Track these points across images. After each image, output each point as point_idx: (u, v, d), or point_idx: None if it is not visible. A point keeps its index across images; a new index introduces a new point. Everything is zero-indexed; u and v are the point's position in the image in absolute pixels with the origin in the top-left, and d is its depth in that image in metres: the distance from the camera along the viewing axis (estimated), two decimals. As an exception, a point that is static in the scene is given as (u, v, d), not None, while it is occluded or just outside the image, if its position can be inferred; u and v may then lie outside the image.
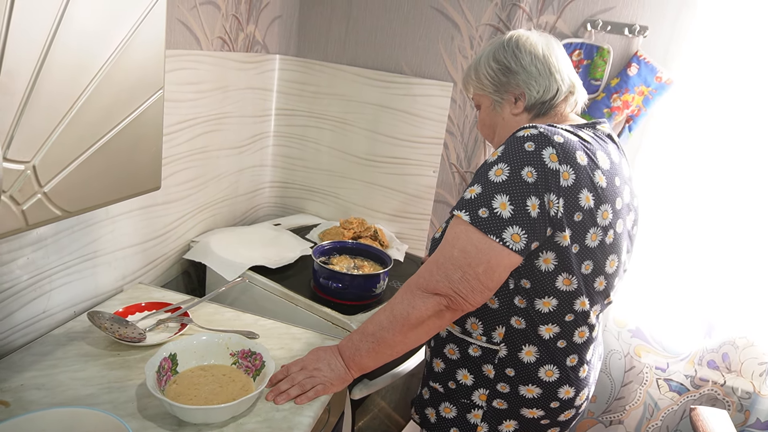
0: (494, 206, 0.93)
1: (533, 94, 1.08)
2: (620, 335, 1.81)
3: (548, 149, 0.93)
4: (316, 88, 1.95)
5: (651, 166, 1.69)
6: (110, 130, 0.75)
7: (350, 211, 2.03)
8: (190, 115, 1.51)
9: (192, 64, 1.47)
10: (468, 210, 0.94)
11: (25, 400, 0.95)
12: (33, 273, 1.11)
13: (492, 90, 1.12)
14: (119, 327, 1.13)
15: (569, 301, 1.02)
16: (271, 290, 1.46)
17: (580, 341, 1.07)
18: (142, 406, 0.97)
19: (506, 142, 0.97)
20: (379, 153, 1.92)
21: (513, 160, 0.94)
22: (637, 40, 1.61)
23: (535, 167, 0.92)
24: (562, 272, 0.99)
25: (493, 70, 1.11)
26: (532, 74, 1.08)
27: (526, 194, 0.92)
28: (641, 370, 1.79)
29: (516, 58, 1.09)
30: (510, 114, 1.12)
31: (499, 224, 0.92)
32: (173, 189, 1.51)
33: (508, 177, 0.93)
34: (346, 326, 1.33)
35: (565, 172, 0.93)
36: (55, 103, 0.66)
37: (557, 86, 1.08)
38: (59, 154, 0.68)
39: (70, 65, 0.68)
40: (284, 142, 2.04)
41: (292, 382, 1.05)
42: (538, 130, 0.95)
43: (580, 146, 0.97)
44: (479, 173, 0.98)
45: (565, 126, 1.02)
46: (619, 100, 1.63)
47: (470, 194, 0.96)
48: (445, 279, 0.96)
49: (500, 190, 0.93)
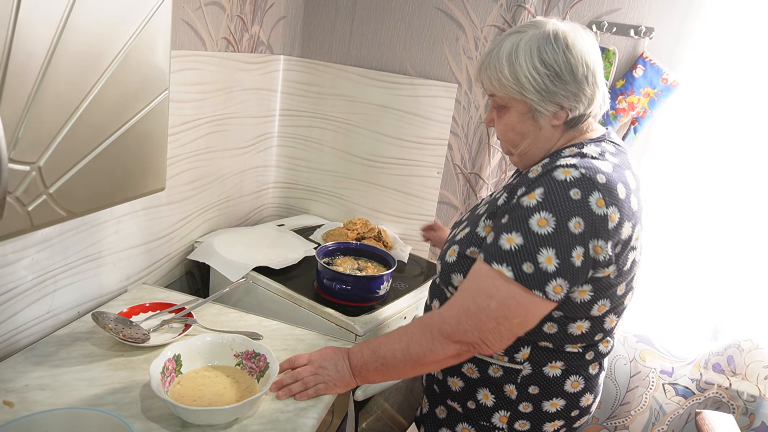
0: (539, 261, 0.87)
1: (580, 107, 0.95)
2: (626, 340, 1.80)
3: (594, 194, 0.87)
4: (320, 88, 1.94)
5: (656, 168, 1.68)
6: (115, 131, 0.75)
7: (354, 212, 2.02)
8: (194, 115, 1.51)
9: (197, 65, 1.47)
10: (510, 264, 0.88)
11: (30, 401, 0.95)
12: (37, 273, 1.11)
13: (535, 97, 0.95)
14: (123, 327, 1.13)
15: (600, 322, 1.00)
16: (275, 291, 1.46)
17: (605, 350, 1.06)
18: (146, 407, 0.97)
19: (544, 184, 0.89)
20: (383, 154, 1.91)
21: (558, 209, 0.87)
22: (643, 41, 1.60)
23: (583, 217, 0.87)
24: (599, 300, 0.96)
25: (539, 73, 0.93)
26: (581, 85, 0.94)
27: (573, 245, 0.87)
28: (647, 375, 1.78)
29: (568, 63, 0.93)
30: (549, 125, 0.98)
31: (544, 279, 0.88)
32: (177, 189, 1.51)
33: (554, 230, 0.87)
34: (350, 327, 1.33)
35: (612, 214, 0.88)
36: (61, 103, 0.66)
37: (601, 98, 0.98)
38: (65, 155, 0.68)
39: (76, 65, 0.67)
40: (288, 142, 2.04)
41: (296, 377, 1.05)
42: (581, 172, 0.88)
43: (618, 176, 0.91)
44: (516, 219, 0.90)
45: (595, 149, 0.96)
46: (625, 102, 1.62)
47: (509, 244, 0.89)
48: (475, 329, 0.91)
49: (546, 244, 0.87)
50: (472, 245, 1.00)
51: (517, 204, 0.91)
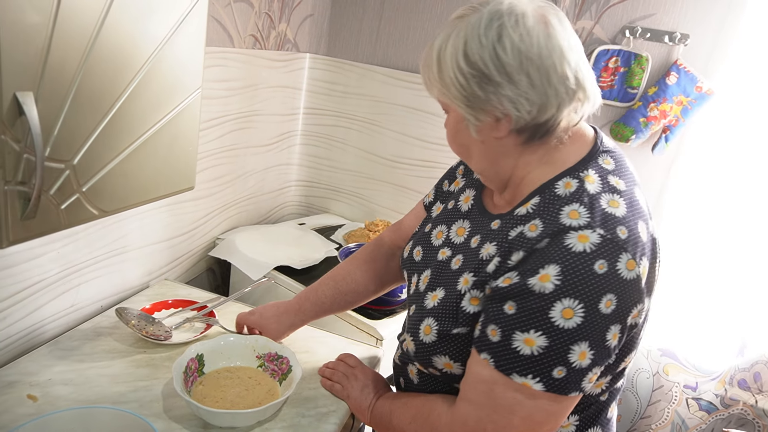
0: (572, 360, 0.68)
1: (523, 115, 0.71)
2: (650, 354, 1.76)
3: (623, 258, 0.68)
4: (345, 87, 1.93)
5: (685, 178, 1.64)
6: (148, 130, 0.75)
7: (375, 212, 2.01)
8: (220, 112, 1.51)
9: (224, 62, 1.46)
10: (537, 375, 0.69)
11: (53, 395, 0.95)
12: (63, 267, 1.11)
13: (463, 103, 0.73)
14: (146, 324, 1.13)
15: (621, 372, 0.84)
16: (296, 291, 1.45)
17: (620, 386, 0.90)
18: (168, 407, 0.96)
19: (560, 260, 0.68)
20: (407, 155, 1.90)
21: (585, 293, 0.67)
22: (677, 48, 1.56)
23: (615, 292, 0.68)
24: (626, 356, 0.79)
25: (464, 75, 0.71)
26: (521, 87, 0.70)
27: (607, 328, 0.69)
28: (670, 389, 1.74)
29: (498, 61, 0.69)
30: (491, 138, 0.76)
31: (579, 377, 0.70)
32: (201, 186, 1.51)
33: (584, 319, 0.67)
34: (371, 331, 1.31)
35: (644, 270, 0.70)
36: (97, 101, 0.66)
37: (558, 101, 0.71)
38: (98, 153, 0.68)
39: (113, 63, 0.67)
40: (311, 141, 2.03)
41: (332, 366, 1.09)
42: (600, 235, 0.68)
43: (634, 213, 0.73)
44: (531, 312, 0.69)
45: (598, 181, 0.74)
46: (657, 110, 1.58)
47: (530, 348, 0.69)
48: None
49: (577, 339, 0.68)
50: (456, 324, 0.78)
51: (526, 288, 0.69)
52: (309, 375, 1.11)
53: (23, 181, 0.59)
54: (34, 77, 0.57)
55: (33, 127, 0.56)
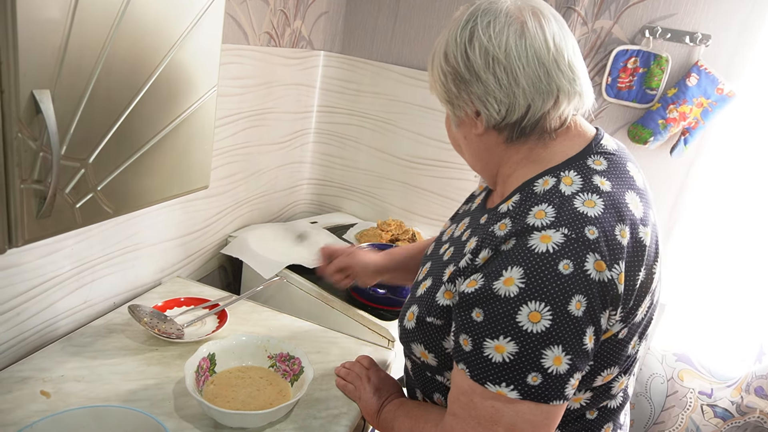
0: (546, 366, 0.66)
1: (492, 114, 0.73)
2: (664, 359, 1.73)
3: (590, 258, 0.66)
4: (359, 86, 1.92)
5: (704, 182, 1.61)
6: (164, 128, 0.74)
7: (387, 212, 2.00)
8: (234, 110, 1.50)
9: (239, 59, 1.46)
10: (510, 382, 0.67)
11: (65, 392, 0.95)
12: (76, 263, 1.11)
13: (444, 99, 0.79)
14: (158, 322, 1.13)
15: (606, 390, 0.80)
16: (308, 290, 1.44)
17: (615, 405, 0.84)
18: (179, 406, 0.96)
19: (522, 262, 0.67)
20: (420, 155, 1.88)
21: (550, 294, 0.65)
22: (698, 49, 1.53)
23: (583, 293, 0.65)
24: (603, 370, 0.76)
25: (444, 73, 0.75)
26: (488, 86, 0.71)
27: (582, 331, 0.66)
28: (684, 395, 1.72)
29: (467, 59, 0.72)
30: (473, 135, 0.78)
31: (559, 384, 0.67)
32: (214, 184, 1.51)
33: (552, 321, 0.65)
34: (383, 332, 1.30)
35: (620, 274, 0.68)
36: (114, 100, 0.65)
37: (527, 102, 0.72)
38: (113, 152, 0.67)
39: (129, 61, 0.66)
40: (324, 139, 2.02)
41: (348, 366, 1.09)
42: (563, 234, 0.66)
43: (614, 215, 0.69)
44: (497, 318, 0.67)
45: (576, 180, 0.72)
46: (676, 112, 1.55)
47: (501, 355, 0.67)
48: None
49: (548, 342, 0.66)
50: (429, 313, 0.79)
51: (491, 293, 0.68)
52: (321, 376, 1.10)
53: (39, 179, 0.58)
54: (52, 75, 0.56)
55: (50, 125, 0.55)
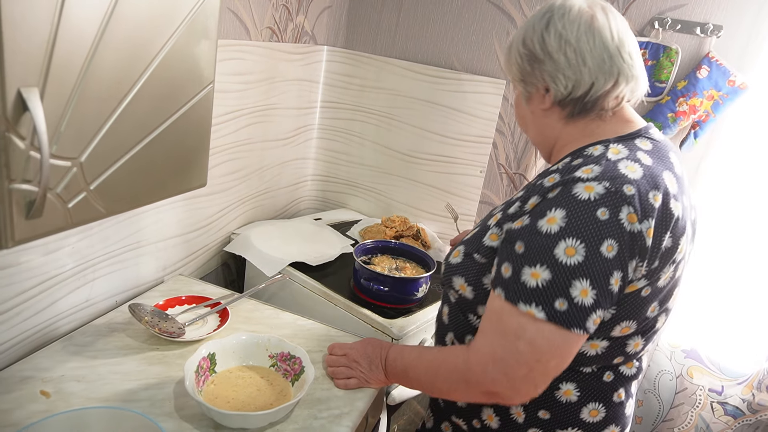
0: (573, 295, 0.76)
1: (560, 89, 0.87)
2: (673, 355, 1.71)
3: (624, 210, 0.76)
4: (363, 81, 1.90)
5: (715, 176, 1.58)
6: (158, 126, 0.72)
7: (392, 208, 1.98)
8: (236, 106, 1.49)
9: (240, 54, 1.44)
10: (539, 303, 0.76)
11: (65, 392, 0.94)
12: (78, 262, 1.11)
13: (519, 80, 0.93)
14: (159, 321, 1.12)
15: (621, 345, 0.88)
16: (311, 288, 1.43)
17: (629, 373, 0.93)
18: (179, 406, 0.95)
19: (565, 205, 0.78)
20: (424, 150, 1.86)
21: (587, 234, 0.75)
22: (709, 40, 1.49)
23: (616, 238, 0.76)
24: (622, 321, 0.85)
25: (520, 56, 0.90)
26: (558, 64, 0.86)
27: (609, 272, 0.76)
28: (694, 392, 1.69)
29: (543, 43, 0.86)
30: (539, 109, 0.92)
31: (582, 313, 0.76)
32: (217, 180, 1.50)
33: (585, 257, 0.75)
34: (387, 330, 1.29)
35: (649, 228, 0.77)
36: (105, 96, 0.64)
37: (591, 80, 0.85)
38: (106, 150, 0.66)
39: (122, 57, 0.65)
40: (328, 135, 2.01)
41: (330, 364, 1.09)
42: (604, 187, 0.77)
43: (650, 182, 0.80)
44: (538, 249, 0.78)
45: (622, 150, 0.84)
46: (686, 105, 1.52)
47: (535, 280, 0.77)
48: (504, 377, 0.80)
49: (579, 275, 0.75)
50: (477, 251, 0.91)
51: (535, 229, 0.79)
52: (322, 375, 1.09)
53: (28, 179, 0.57)
54: (39, 72, 0.55)
55: (38, 124, 0.54)
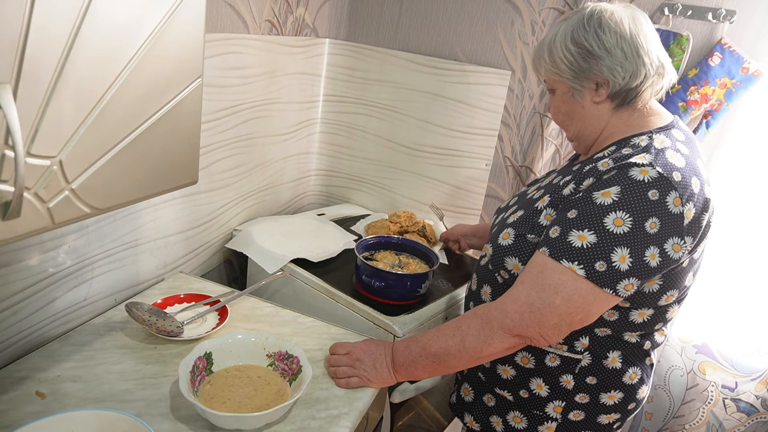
0: (613, 259, 0.86)
1: (618, 80, 0.95)
2: (684, 351, 1.67)
3: (672, 194, 0.86)
4: (366, 74, 1.87)
5: (728, 167, 1.53)
6: (144, 122, 0.70)
7: (397, 202, 1.95)
8: (235, 101, 1.47)
9: (238, 48, 1.42)
10: (582, 262, 0.87)
11: (61, 393, 0.93)
12: (75, 260, 1.10)
13: (570, 76, 0.99)
14: (157, 319, 1.10)
15: (664, 312, 1.00)
16: (312, 285, 1.41)
17: (660, 340, 1.05)
18: (175, 406, 0.94)
19: (621, 183, 0.88)
20: (429, 143, 1.83)
21: (636, 210, 0.86)
22: (721, 26, 1.44)
23: (660, 217, 0.86)
24: (668, 290, 0.96)
25: (571, 54, 0.97)
26: (617, 58, 0.94)
27: (647, 245, 0.86)
28: (705, 388, 1.65)
29: (599, 40, 0.95)
30: (591, 102, 1.00)
31: (616, 277, 0.87)
32: (217, 177, 1.48)
33: (630, 229, 0.86)
34: (389, 328, 1.27)
35: (688, 211, 0.87)
36: (84, 92, 0.62)
37: (645, 71, 0.95)
38: (88, 148, 0.64)
39: (101, 51, 0.62)
40: (331, 129, 1.98)
41: (332, 363, 1.08)
42: (658, 172, 0.87)
43: (691, 170, 0.90)
44: (589, 216, 0.89)
45: (665, 140, 0.94)
46: (697, 93, 1.47)
47: (581, 242, 0.88)
48: (537, 324, 0.91)
49: (621, 243, 0.86)
50: (531, 231, 0.99)
51: (589, 200, 0.90)
52: (322, 374, 1.07)
53: (4, 179, 0.55)
54: (10, 67, 0.53)
55: (10, 121, 0.52)
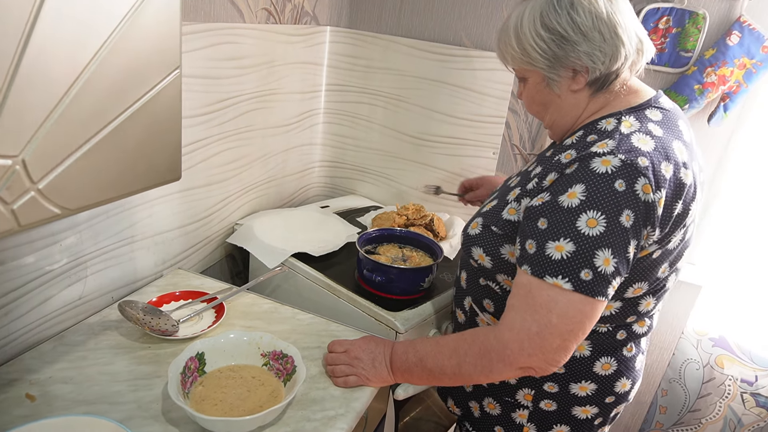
0: (597, 265, 0.80)
1: (598, 66, 0.86)
2: (700, 344, 1.61)
3: (640, 181, 0.79)
4: (369, 61, 1.82)
5: (747, 152, 1.46)
6: (117, 117, 0.67)
7: (402, 193, 1.91)
8: (233, 92, 1.43)
9: (234, 38, 1.38)
10: (566, 275, 0.80)
11: (51, 395, 0.92)
12: (68, 259, 1.08)
13: (545, 65, 0.89)
14: (152, 318, 1.08)
15: (634, 304, 0.94)
16: (314, 280, 1.38)
17: (641, 331, 0.99)
18: (167, 408, 0.91)
19: (584, 179, 0.81)
20: (434, 132, 1.78)
21: (607, 206, 0.79)
22: (740, 2, 1.37)
23: (632, 208, 0.79)
24: (634, 283, 0.90)
25: (543, 40, 0.87)
26: (595, 42, 0.85)
27: (628, 241, 0.81)
28: (722, 382, 1.59)
29: (573, 23, 0.85)
30: (568, 91, 0.91)
31: (605, 282, 0.81)
32: (216, 170, 1.45)
33: (606, 228, 0.79)
34: (390, 324, 1.23)
35: (660, 199, 0.81)
36: (48, 85, 0.58)
37: (625, 51, 0.86)
38: (55, 144, 0.61)
39: (65, 40, 0.59)
40: (335, 119, 1.94)
41: (328, 362, 1.04)
42: (620, 159, 0.80)
43: (662, 153, 0.83)
44: (560, 223, 0.81)
45: (633, 123, 0.86)
46: (714, 75, 1.40)
47: (560, 253, 0.81)
48: (540, 351, 0.83)
49: (600, 245, 0.79)
50: (495, 224, 0.95)
51: (556, 205, 0.82)
52: (319, 373, 1.04)
53: (-39, 180, 0.52)
54: (-39, 62, 0.50)
55: (-39, 119, 0.49)
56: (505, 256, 0.94)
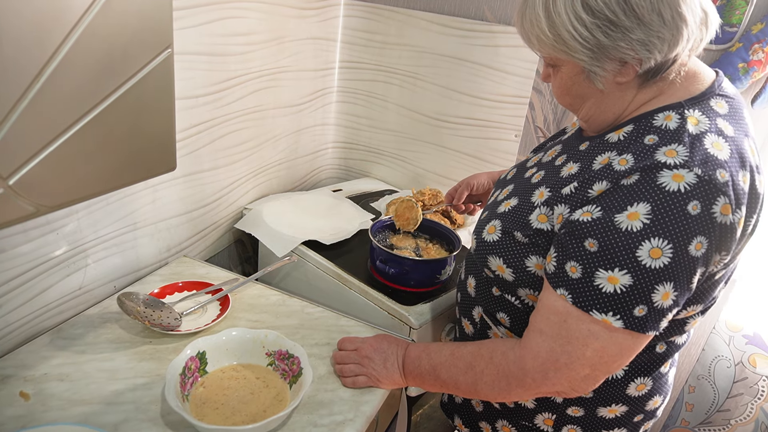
0: (654, 300, 0.68)
1: (655, 56, 0.69)
2: (732, 340, 1.52)
3: (719, 201, 0.66)
4: (385, 37, 1.72)
5: (794, 136, 1.34)
6: (99, 103, 0.60)
7: (419, 176, 1.83)
8: (240, 70, 1.35)
9: (239, 12, 1.29)
10: (617, 312, 0.68)
11: (46, 393, 0.87)
12: (66, 248, 1.02)
13: (586, 57, 0.71)
14: (153, 311, 1.03)
15: (682, 324, 0.82)
16: (324, 269, 1.32)
17: (681, 342, 0.87)
18: (166, 410, 0.86)
19: (650, 199, 0.67)
20: (453, 113, 1.68)
21: (675, 232, 0.65)
22: (794, -27, 1.24)
23: (706, 234, 0.66)
24: (690, 305, 0.78)
25: (585, 26, 0.68)
26: (653, 27, 0.67)
27: (694, 271, 0.68)
28: (756, 382, 1.50)
29: (626, 5, 0.66)
30: (613, 83, 0.74)
31: (659, 316, 0.70)
32: (223, 153, 1.38)
33: (672, 260, 0.66)
34: (404, 318, 1.16)
35: (740, 219, 0.68)
36: (14, 71, 0.51)
37: (687, 31, 0.68)
38: (26, 136, 0.54)
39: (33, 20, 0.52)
40: (349, 98, 1.85)
41: (338, 361, 0.98)
42: (696, 175, 0.66)
43: (737, 159, 0.69)
44: (617, 250, 0.68)
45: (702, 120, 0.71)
46: (762, 52, 1.28)
47: (613, 286, 0.68)
48: (566, 379, 0.74)
49: (663, 279, 0.67)
50: (519, 229, 0.81)
51: (612, 226, 0.68)
52: (328, 373, 0.98)
53: None
54: None
55: None
56: (531, 269, 0.81)
